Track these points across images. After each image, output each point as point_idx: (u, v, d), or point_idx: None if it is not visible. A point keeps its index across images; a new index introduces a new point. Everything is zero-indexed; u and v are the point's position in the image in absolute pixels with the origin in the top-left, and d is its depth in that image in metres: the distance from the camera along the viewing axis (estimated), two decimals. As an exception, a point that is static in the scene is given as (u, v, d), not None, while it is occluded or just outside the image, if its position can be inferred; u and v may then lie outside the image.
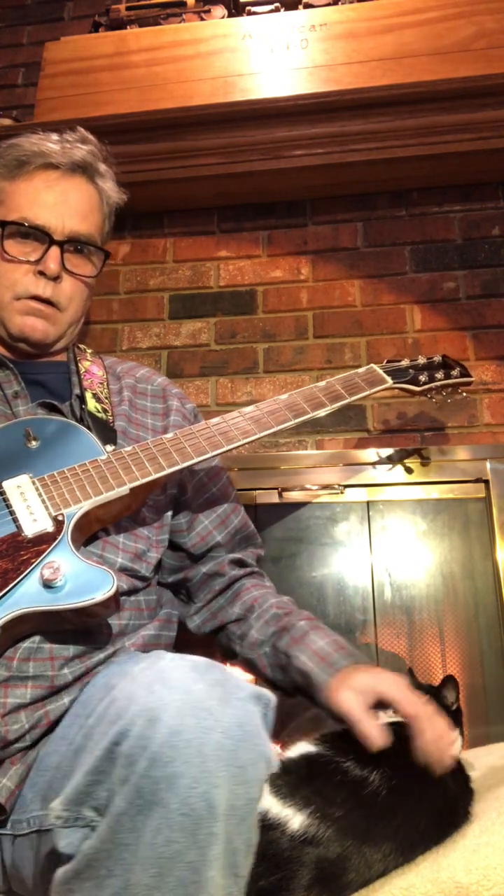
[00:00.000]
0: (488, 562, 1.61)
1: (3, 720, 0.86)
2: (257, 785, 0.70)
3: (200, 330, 1.91)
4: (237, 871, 0.69)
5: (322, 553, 1.68)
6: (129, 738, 0.68)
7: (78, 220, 1.19)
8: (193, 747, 0.66)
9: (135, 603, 1.06)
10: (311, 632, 1.07)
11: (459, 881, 0.75)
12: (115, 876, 0.67)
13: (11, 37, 2.34)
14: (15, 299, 1.17)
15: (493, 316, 1.79)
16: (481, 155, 1.75)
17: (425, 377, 1.31)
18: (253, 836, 0.71)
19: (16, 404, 1.13)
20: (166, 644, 1.11)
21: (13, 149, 1.20)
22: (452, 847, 0.80)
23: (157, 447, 1.07)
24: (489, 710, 1.52)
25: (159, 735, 0.66)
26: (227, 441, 1.09)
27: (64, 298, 1.19)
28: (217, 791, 0.66)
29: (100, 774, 0.70)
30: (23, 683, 0.88)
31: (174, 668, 0.73)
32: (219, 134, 1.79)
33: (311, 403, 1.15)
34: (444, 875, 0.76)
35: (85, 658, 0.94)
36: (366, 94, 1.73)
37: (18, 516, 0.96)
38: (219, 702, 0.70)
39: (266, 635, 1.13)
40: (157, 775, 0.65)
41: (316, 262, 1.91)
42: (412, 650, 1.58)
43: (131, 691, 0.72)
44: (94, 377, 1.22)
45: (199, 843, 0.65)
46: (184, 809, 0.64)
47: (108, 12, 2.07)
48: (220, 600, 1.22)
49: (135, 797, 0.66)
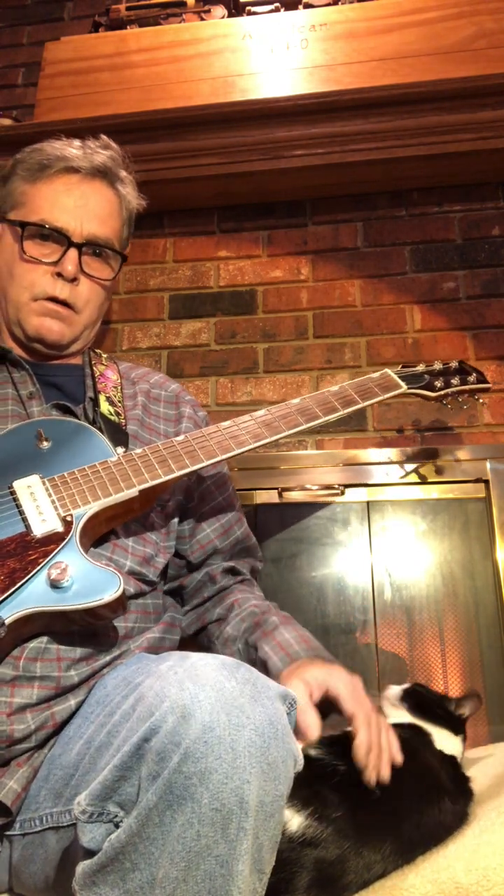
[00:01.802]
0: (488, 562, 1.61)
1: (9, 719, 0.86)
2: (286, 782, 0.71)
3: (200, 330, 1.91)
4: (262, 867, 0.70)
5: (322, 553, 1.68)
6: (159, 734, 0.68)
7: (97, 223, 1.19)
8: (226, 743, 0.67)
9: (141, 606, 1.06)
10: (282, 626, 1.08)
11: (459, 881, 0.75)
12: (139, 870, 0.68)
13: (11, 37, 2.34)
14: (32, 300, 1.18)
15: (493, 316, 1.79)
16: (481, 155, 1.75)
17: (441, 383, 1.30)
18: (277, 833, 0.72)
19: (30, 405, 1.13)
20: (170, 647, 1.11)
21: (36, 153, 1.21)
22: (452, 848, 0.80)
23: (168, 449, 1.06)
24: (489, 710, 1.52)
25: (192, 731, 0.67)
26: (238, 445, 1.08)
27: (80, 300, 1.20)
28: (248, 787, 0.66)
29: (127, 770, 0.71)
30: (29, 684, 0.89)
31: (204, 666, 0.74)
32: (219, 134, 1.79)
33: (323, 408, 1.14)
34: (443, 875, 0.76)
35: (91, 660, 0.94)
36: (366, 94, 1.73)
37: (28, 516, 0.96)
38: (250, 699, 0.71)
39: (240, 631, 1.13)
40: (190, 770, 0.66)
41: (316, 262, 1.91)
42: (412, 650, 1.58)
43: (161, 688, 0.72)
44: (109, 381, 1.23)
45: (229, 838, 0.66)
46: (215, 804, 0.65)
47: (108, 12, 2.07)
48: (206, 604, 1.22)
49: (166, 792, 0.67)
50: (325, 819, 0.77)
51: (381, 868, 0.77)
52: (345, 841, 0.76)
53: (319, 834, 0.76)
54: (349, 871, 0.76)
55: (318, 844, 0.76)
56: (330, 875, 0.75)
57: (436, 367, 1.33)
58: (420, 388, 1.28)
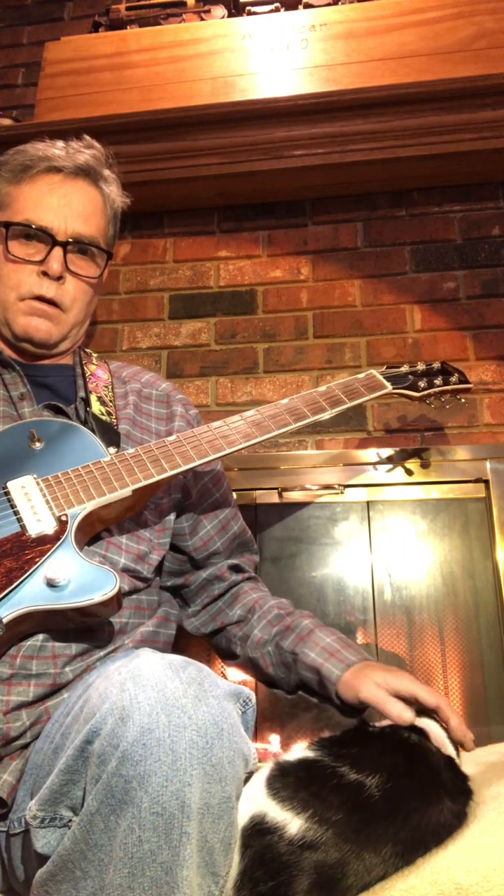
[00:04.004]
0: (488, 562, 1.61)
1: (6, 717, 0.86)
2: (233, 783, 0.70)
3: (200, 330, 1.91)
4: (215, 869, 0.68)
5: (322, 553, 1.68)
6: (100, 736, 0.68)
7: (81, 221, 1.20)
8: (165, 745, 0.65)
9: (135, 602, 1.07)
10: (317, 629, 1.11)
11: (459, 882, 0.75)
12: (90, 877, 0.66)
13: (11, 37, 2.34)
14: (19, 300, 1.18)
15: (493, 316, 1.79)
16: (481, 155, 1.75)
17: (424, 383, 1.34)
18: (232, 834, 0.70)
19: (21, 406, 1.14)
20: (165, 641, 1.12)
21: (19, 154, 1.22)
22: (452, 848, 0.80)
23: (160, 449, 1.08)
24: (489, 710, 1.52)
25: (130, 733, 0.66)
26: (228, 444, 1.10)
27: (67, 299, 1.20)
28: (190, 789, 0.65)
29: (74, 774, 0.70)
30: (26, 681, 0.89)
31: (148, 666, 0.73)
32: (219, 134, 1.79)
33: (311, 408, 1.17)
34: (443, 877, 0.76)
35: (86, 656, 0.95)
36: (366, 94, 1.73)
37: (23, 516, 0.97)
38: (193, 699, 0.69)
39: (270, 635, 1.15)
40: (129, 774, 0.65)
41: (316, 262, 1.91)
42: (412, 650, 1.58)
43: (105, 689, 0.71)
44: (100, 381, 1.23)
45: (172, 843, 0.64)
46: (155, 808, 0.64)
47: (108, 12, 2.07)
48: (218, 603, 1.24)
49: (106, 796, 0.65)
50: (324, 822, 0.77)
51: (382, 870, 0.77)
52: (345, 844, 0.76)
53: (319, 837, 0.76)
54: (349, 874, 0.75)
55: (317, 847, 0.75)
56: (330, 878, 0.74)
57: (419, 368, 1.37)
58: (404, 389, 1.32)
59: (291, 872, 0.74)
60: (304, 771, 0.84)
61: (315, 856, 0.75)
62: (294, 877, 0.74)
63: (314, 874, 0.74)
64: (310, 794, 0.80)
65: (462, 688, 1.54)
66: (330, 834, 0.76)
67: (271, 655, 1.14)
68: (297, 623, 1.13)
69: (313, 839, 0.76)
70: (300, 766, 0.86)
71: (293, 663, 1.09)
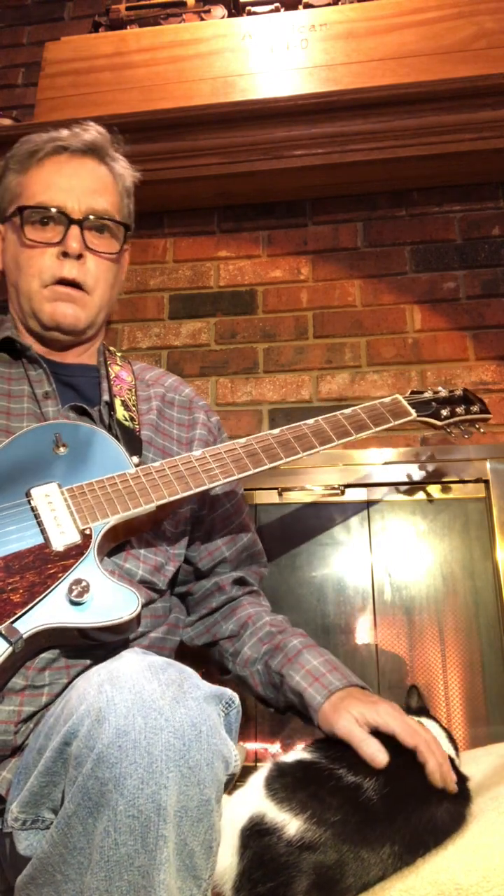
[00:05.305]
0: (488, 562, 1.61)
1: (17, 727, 0.86)
2: (213, 785, 0.68)
3: (200, 330, 1.91)
4: (196, 872, 0.68)
5: (322, 553, 1.68)
6: (77, 737, 0.67)
7: (93, 197, 1.18)
8: (141, 748, 0.64)
9: (150, 611, 1.07)
10: (305, 651, 1.07)
11: (459, 883, 0.75)
12: (70, 880, 0.65)
13: (11, 37, 2.34)
14: (43, 287, 1.16)
15: (493, 316, 1.79)
16: (481, 155, 1.75)
17: (447, 412, 1.31)
18: (213, 836, 0.69)
19: (45, 405, 1.12)
20: (171, 648, 1.12)
21: (25, 144, 1.21)
22: (452, 849, 0.80)
23: (185, 465, 1.06)
24: (489, 710, 1.52)
25: (105, 735, 0.65)
26: (255, 465, 1.09)
27: (90, 278, 1.18)
28: (166, 792, 0.64)
29: (54, 775, 0.69)
30: (38, 692, 0.89)
31: (127, 668, 0.72)
32: (219, 134, 1.79)
33: (337, 432, 1.16)
34: (443, 877, 0.76)
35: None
36: (366, 94, 1.73)
37: (46, 527, 0.96)
38: (171, 701, 0.68)
39: (259, 653, 1.13)
40: (104, 776, 0.64)
41: (316, 262, 1.91)
42: (412, 650, 1.58)
43: (83, 690, 0.71)
44: (124, 383, 1.22)
45: (149, 847, 0.63)
46: (131, 811, 0.63)
47: (108, 12, 2.07)
48: (215, 615, 1.22)
49: (83, 799, 0.65)
50: (323, 823, 0.77)
51: (381, 871, 0.76)
52: (343, 844, 0.76)
53: (318, 838, 0.75)
54: (348, 875, 0.75)
55: (316, 848, 0.75)
56: (329, 879, 0.74)
57: (442, 395, 1.34)
58: (427, 417, 1.30)
59: (290, 873, 0.74)
60: (301, 772, 0.84)
61: (314, 856, 0.75)
62: (293, 877, 0.74)
63: (313, 875, 0.74)
64: (308, 795, 0.80)
65: (462, 688, 1.54)
66: (329, 835, 0.76)
67: (260, 674, 1.12)
68: (286, 642, 1.10)
69: (312, 840, 0.76)
70: (298, 767, 0.86)
71: (280, 685, 1.07)
